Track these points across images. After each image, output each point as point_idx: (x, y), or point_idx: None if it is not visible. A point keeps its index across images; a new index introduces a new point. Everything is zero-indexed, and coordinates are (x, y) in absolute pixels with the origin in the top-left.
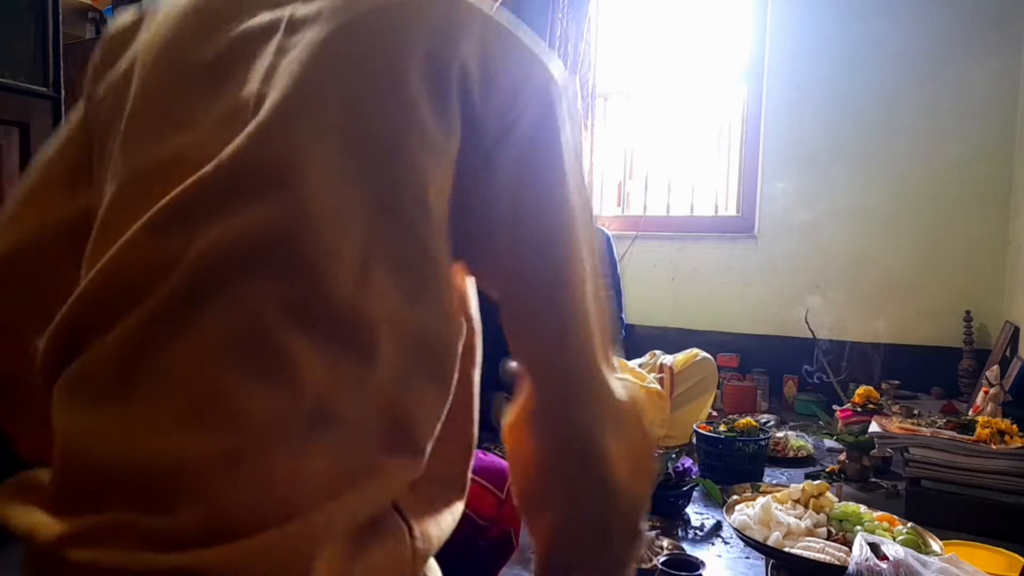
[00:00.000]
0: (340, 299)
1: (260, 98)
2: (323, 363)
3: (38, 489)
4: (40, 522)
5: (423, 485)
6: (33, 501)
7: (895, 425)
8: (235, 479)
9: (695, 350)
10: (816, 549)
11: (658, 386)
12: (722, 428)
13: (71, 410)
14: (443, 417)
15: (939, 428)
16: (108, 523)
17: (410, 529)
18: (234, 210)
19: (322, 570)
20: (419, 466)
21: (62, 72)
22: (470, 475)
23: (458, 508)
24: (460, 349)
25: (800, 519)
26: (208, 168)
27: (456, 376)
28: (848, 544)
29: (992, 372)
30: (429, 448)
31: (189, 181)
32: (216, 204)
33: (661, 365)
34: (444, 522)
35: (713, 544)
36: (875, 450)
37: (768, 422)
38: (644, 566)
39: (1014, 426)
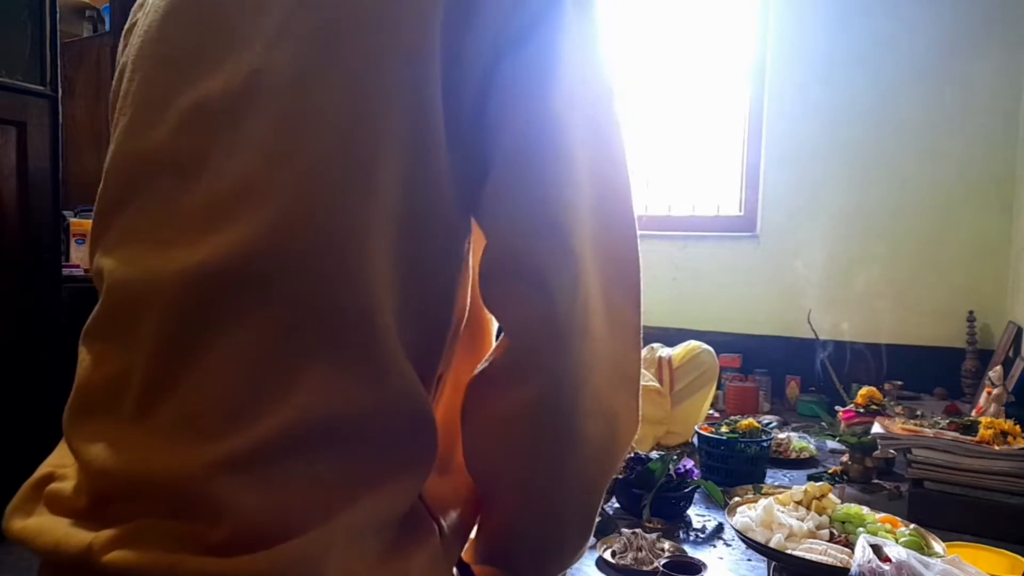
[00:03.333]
0: (337, 302)
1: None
2: (327, 369)
3: (57, 500)
4: (66, 533)
5: (443, 472)
6: (56, 513)
7: (898, 426)
8: (255, 488)
9: (694, 343)
10: (818, 551)
11: (656, 383)
12: (724, 429)
13: (96, 428)
14: (439, 410)
15: (942, 429)
16: (139, 528)
17: (440, 526)
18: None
19: (357, 567)
20: (434, 460)
21: (59, 71)
22: None
23: (475, 501)
24: (456, 326)
25: (802, 521)
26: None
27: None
28: (850, 546)
29: (995, 373)
30: (437, 444)
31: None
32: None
33: (660, 359)
34: (467, 514)
35: (715, 546)
36: (878, 451)
37: (770, 423)
38: (645, 568)
39: (1017, 427)
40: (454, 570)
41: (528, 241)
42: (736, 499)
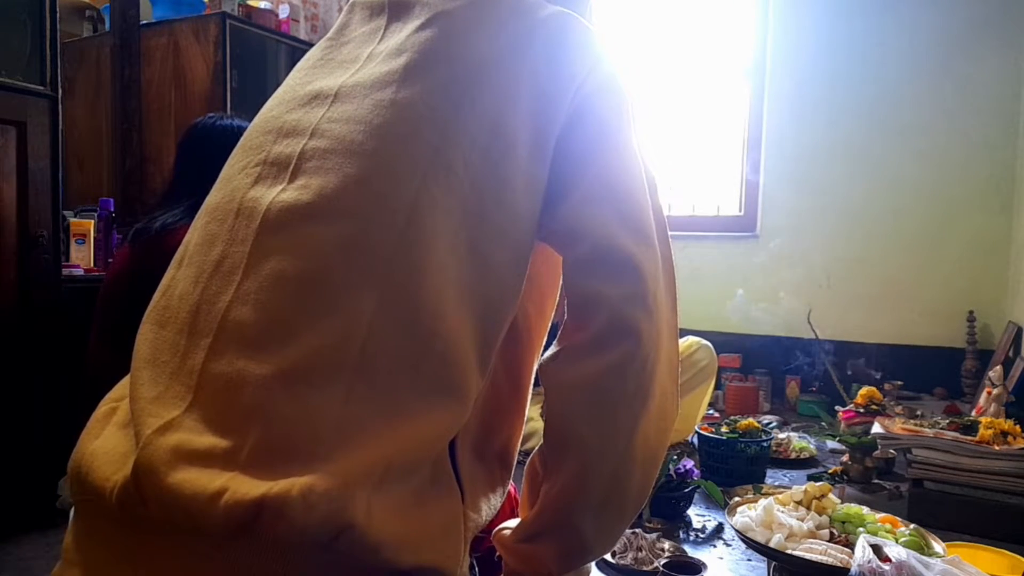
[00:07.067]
0: (389, 243)
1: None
2: (371, 298)
3: (120, 422)
4: (124, 454)
5: (479, 457)
6: (119, 428)
7: (898, 426)
8: (290, 399)
9: (692, 339)
10: (818, 551)
11: None
12: (724, 429)
13: (158, 336)
14: (486, 374)
15: (942, 429)
16: (179, 446)
17: (463, 494)
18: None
19: (379, 511)
20: (462, 413)
21: (59, 71)
22: (515, 459)
23: (502, 492)
24: (510, 317)
25: (802, 521)
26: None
27: (499, 340)
28: (850, 546)
29: (995, 372)
30: (471, 400)
31: (284, 151)
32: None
33: None
34: (492, 500)
35: (715, 546)
36: (878, 451)
37: (770, 423)
38: (645, 568)
39: (1017, 427)
40: (474, 567)
41: (623, 237)
42: (736, 499)
